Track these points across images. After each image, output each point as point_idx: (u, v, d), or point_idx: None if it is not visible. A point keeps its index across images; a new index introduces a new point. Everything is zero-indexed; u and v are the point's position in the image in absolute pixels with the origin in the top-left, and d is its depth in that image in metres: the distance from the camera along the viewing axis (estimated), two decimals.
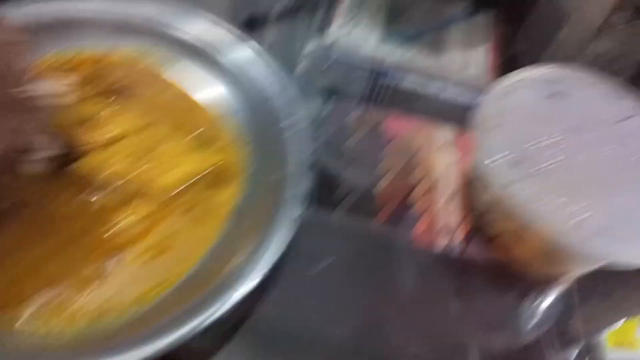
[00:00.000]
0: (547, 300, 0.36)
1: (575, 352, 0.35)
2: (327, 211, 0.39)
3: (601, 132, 0.34)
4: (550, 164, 0.32)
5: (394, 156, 0.43)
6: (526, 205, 0.29)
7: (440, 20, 0.54)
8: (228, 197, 0.34)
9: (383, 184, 0.41)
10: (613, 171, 0.32)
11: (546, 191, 0.30)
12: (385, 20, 0.52)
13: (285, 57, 0.49)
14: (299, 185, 0.32)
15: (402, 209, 0.40)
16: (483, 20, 0.55)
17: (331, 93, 0.48)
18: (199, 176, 0.35)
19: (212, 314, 0.26)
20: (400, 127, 0.46)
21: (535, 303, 0.36)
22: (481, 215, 0.36)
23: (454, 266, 0.37)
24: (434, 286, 0.36)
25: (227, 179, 0.35)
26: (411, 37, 0.51)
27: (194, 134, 0.37)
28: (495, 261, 0.36)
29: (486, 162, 0.31)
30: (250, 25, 0.51)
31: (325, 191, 0.40)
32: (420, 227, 0.39)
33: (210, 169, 0.35)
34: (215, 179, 0.35)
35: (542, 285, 0.36)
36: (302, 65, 0.48)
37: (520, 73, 0.37)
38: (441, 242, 0.38)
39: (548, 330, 0.35)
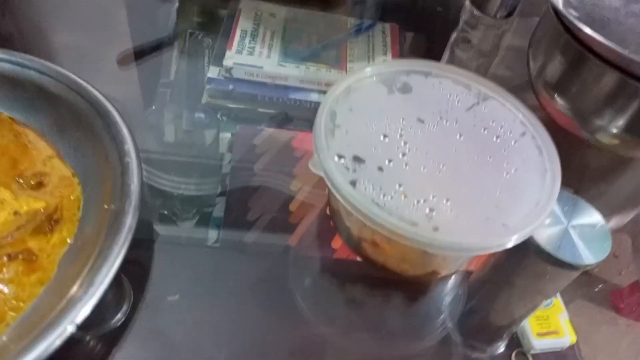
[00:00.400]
0: (448, 297, 0.37)
1: (501, 346, 0.35)
2: (239, 234, 0.38)
3: (447, 122, 0.34)
4: (392, 161, 0.31)
5: (305, 173, 0.42)
6: (367, 205, 0.28)
7: (339, 35, 0.55)
8: (61, 238, 0.33)
9: (296, 201, 0.41)
10: (460, 161, 0.32)
11: (388, 189, 0.30)
12: (283, 39, 0.52)
13: (190, 88, 0.49)
14: (130, 216, 0.31)
15: (319, 223, 0.39)
16: (382, 31, 0.56)
17: (237, 118, 0.48)
18: (26, 220, 0.33)
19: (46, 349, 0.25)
20: (309, 143, 0.45)
21: (434, 301, 0.36)
22: (340, 219, 0.36)
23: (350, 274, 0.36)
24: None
25: (59, 219, 0.34)
26: (311, 55, 0.52)
27: (23, 175, 0.35)
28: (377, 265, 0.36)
29: (328, 163, 0.30)
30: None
31: (235, 215, 0.39)
32: (337, 240, 0.38)
33: (39, 210, 0.33)
34: (46, 220, 0.33)
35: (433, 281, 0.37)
36: (206, 94, 0.48)
37: (364, 70, 0.36)
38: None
39: (461, 326, 0.35)
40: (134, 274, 0.34)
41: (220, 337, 0.33)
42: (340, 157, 0.30)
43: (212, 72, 0.48)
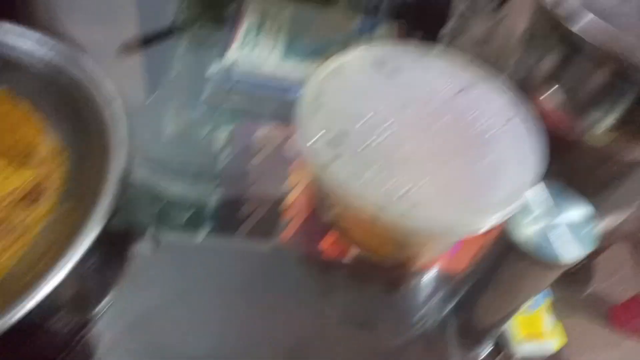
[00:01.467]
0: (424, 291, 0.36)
1: (487, 348, 0.35)
2: (229, 231, 0.38)
3: (435, 105, 0.34)
4: (374, 141, 0.31)
5: (300, 172, 0.43)
6: (346, 183, 0.28)
7: (344, 32, 0.55)
8: (41, 213, 0.33)
9: (289, 199, 0.41)
10: (443, 143, 0.32)
11: (367, 168, 0.29)
12: (287, 36, 0.52)
13: (191, 82, 0.49)
14: (111, 197, 0.31)
15: (310, 223, 0.39)
16: (386, 31, 0.56)
17: (237, 113, 0.48)
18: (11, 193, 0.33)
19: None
20: None
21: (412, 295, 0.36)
22: (321, 202, 0.36)
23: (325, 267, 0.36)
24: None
25: (42, 194, 0.34)
26: (315, 51, 0.52)
27: (14, 146, 0.36)
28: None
29: (306, 144, 0.30)
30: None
31: (228, 211, 0.39)
32: (328, 239, 0.38)
33: (24, 185, 0.34)
34: (30, 192, 0.34)
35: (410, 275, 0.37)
36: (206, 90, 0.48)
37: (356, 50, 0.36)
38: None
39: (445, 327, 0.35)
40: (120, 266, 0.35)
41: (208, 335, 0.33)
42: (321, 133, 0.31)
43: (214, 67, 0.49)
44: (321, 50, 0.52)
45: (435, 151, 0.31)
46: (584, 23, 0.33)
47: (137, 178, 0.40)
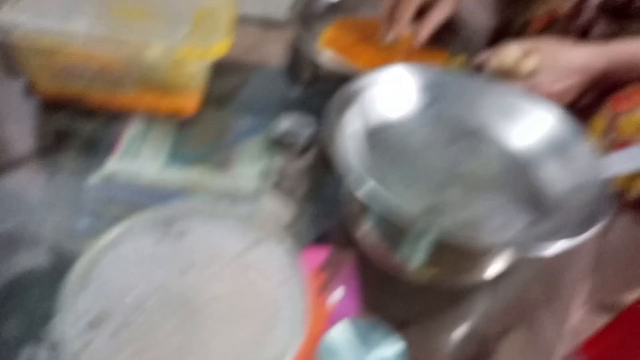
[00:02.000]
0: None
1: None
2: None
3: (215, 267, 0.34)
4: (136, 320, 0.31)
5: None
6: None
7: (228, 137, 0.55)
8: None
9: None
10: (213, 310, 0.32)
11: (122, 348, 0.29)
12: (171, 144, 0.53)
13: (72, 194, 0.48)
14: None
15: None
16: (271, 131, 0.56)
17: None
18: None
19: None
20: None
21: None
22: None
23: None
24: None
25: None
26: (199, 157, 0.52)
27: None
28: None
29: (62, 327, 0.30)
30: None
31: None
32: None
33: None
34: None
35: None
36: (87, 200, 0.48)
37: (136, 218, 0.36)
38: None
39: None
40: None
41: None
42: (76, 322, 0.30)
43: (94, 178, 0.49)
44: (204, 155, 0.52)
45: (203, 321, 0.31)
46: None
47: None
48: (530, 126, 0.47)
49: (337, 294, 0.43)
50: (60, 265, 0.42)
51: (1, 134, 0.54)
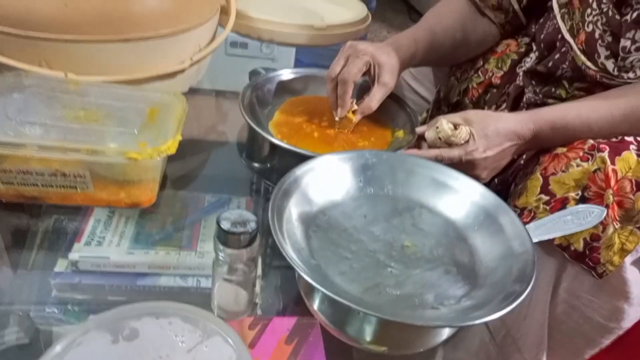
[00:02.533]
0: None
1: None
2: None
3: None
4: None
5: None
6: None
7: (190, 216, 0.58)
8: None
9: None
10: None
11: None
12: (137, 224, 0.55)
13: (40, 284, 0.49)
14: None
15: None
16: (237, 206, 0.59)
17: (88, 308, 0.49)
18: None
19: None
20: None
21: None
22: None
23: None
24: None
25: None
26: (163, 237, 0.54)
27: None
28: None
29: None
30: None
31: None
32: None
33: None
34: None
35: None
36: (54, 288, 0.49)
37: (89, 322, 0.38)
38: None
39: None
40: None
41: None
42: None
43: (60, 265, 0.50)
44: (169, 235, 0.55)
45: None
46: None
47: None
48: (460, 199, 0.51)
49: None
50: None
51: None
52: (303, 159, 0.52)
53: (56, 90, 0.58)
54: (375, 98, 0.70)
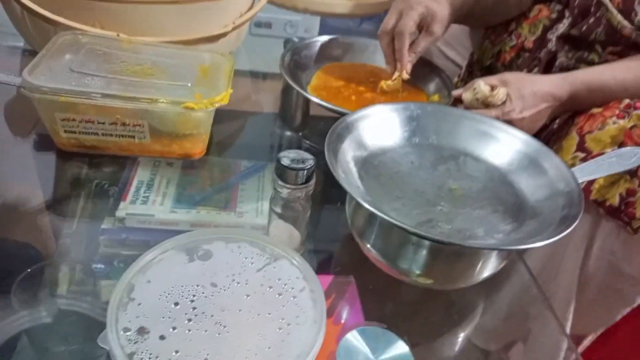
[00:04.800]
0: None
1: None
2: None
3: (239, 284, 0.38)
4: (178, 327, 0.35)
5: None
6: None
7: (232, 177, 0.60)
8: None
9: None
10: (241, 320, 0.36)
11: (166, 355, 0.33)
12: (178, 185, 0.57)
13: (87, 240, 0.52)
14: None
15: None
16: (270, 172, 0.59)
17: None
18: None
19: None
20: None
21: None
22: None
23: None
24: None
25: None
26: (203, 199, 0.56)
27: None
28: None
29: (112, 336, 0.33)
30: None
31: None
32: None
33: None
34: None
35: None
36: (102, 244, 0.51)
37: (167, 243, 0.41)
38: None
39: None
40: None
41: None
42: (126, 329, 0.35)
43: (107, 222, 0.52)
44: (209, 197, 0.56)
45: (233, 330, 0.35)
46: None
47: None
48: (503, 147, 0.53)
49: (344, 314, 0.47)
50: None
51: (24, 182, 0.59)
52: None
53: (111, 48, 0.61)
54: (420, 45, 0.71)
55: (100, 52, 0.59)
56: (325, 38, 0.79)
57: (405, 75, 0.71)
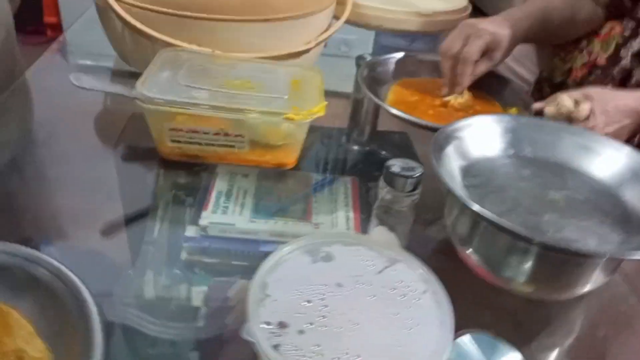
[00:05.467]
0: None
1: None
2: None
3: (363, 285, 0.40)
4: (314, 322, 0.36)
5: None
6: None
7: (306, 189, 0.61)
8: None
9: None
10: (370, 319, 0.37)
11: (307, 348, 0.35)
12: (255, 196, 0.59)
13: (170, 247, 0.54)
14: None
15: None
16: (343, 184, 0.62)
17: (212, 273, 0.52)
18: None
19: None
20: None
21: None
22: None
23: None
24: None
25: None
26: (280, 209, 0.57)
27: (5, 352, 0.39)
28: None
29: (255, 330, 0.35)
30: None
31: None
32: None
33: None
34: None
35: None
36: (184, 251, 0.53)
37: (291, 244, 0.42)
38: None
39: None
40: None
41: None
42: (267, 323, 0.37)
43: (190, 231, 0.54)
44: (285, 208, 0.58)
45: (365, 327, 0.37)
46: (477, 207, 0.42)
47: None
48: (604, 159, 0.53)
49: None
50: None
51: (128, 190, 0.62)
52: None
53: (208, 63, 0.65)
54: (479, 69, 0.73)
55: (200, 68, 0.63)
56: (399, 55, 0.81)
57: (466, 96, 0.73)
